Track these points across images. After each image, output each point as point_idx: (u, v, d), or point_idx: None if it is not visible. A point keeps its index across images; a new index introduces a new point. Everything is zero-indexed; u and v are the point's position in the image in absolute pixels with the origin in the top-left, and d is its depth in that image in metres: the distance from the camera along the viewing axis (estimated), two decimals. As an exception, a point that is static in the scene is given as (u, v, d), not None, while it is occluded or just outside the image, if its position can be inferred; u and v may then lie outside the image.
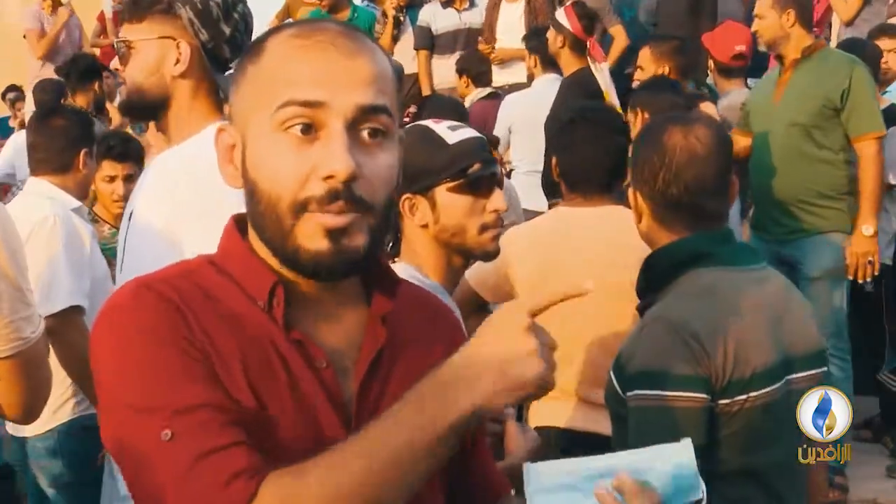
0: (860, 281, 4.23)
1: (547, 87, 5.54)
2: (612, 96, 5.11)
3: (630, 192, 2.13)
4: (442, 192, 1.95)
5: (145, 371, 1.08)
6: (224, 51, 2.25)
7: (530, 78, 5.94)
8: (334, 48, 1.12)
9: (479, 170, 1.95)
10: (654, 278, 2.09)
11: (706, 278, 2.01)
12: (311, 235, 1.10)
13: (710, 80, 5.66)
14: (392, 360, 1.21)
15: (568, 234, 2.85)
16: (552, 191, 4.07)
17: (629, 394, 1.96)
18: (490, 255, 2.02)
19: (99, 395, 1.13)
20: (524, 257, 2.81)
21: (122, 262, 2.24)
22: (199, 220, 2.08)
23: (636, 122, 4.01)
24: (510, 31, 6.54)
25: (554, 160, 3.04)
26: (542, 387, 1.04)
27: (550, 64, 5.64)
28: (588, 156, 2.87)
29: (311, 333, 1.17)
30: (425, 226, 1.97)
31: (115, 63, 2.31)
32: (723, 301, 1.98)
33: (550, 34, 5.44)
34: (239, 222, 1.23)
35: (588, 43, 5.34)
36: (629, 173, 2.15)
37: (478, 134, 2.02)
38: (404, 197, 1.95)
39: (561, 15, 5.49)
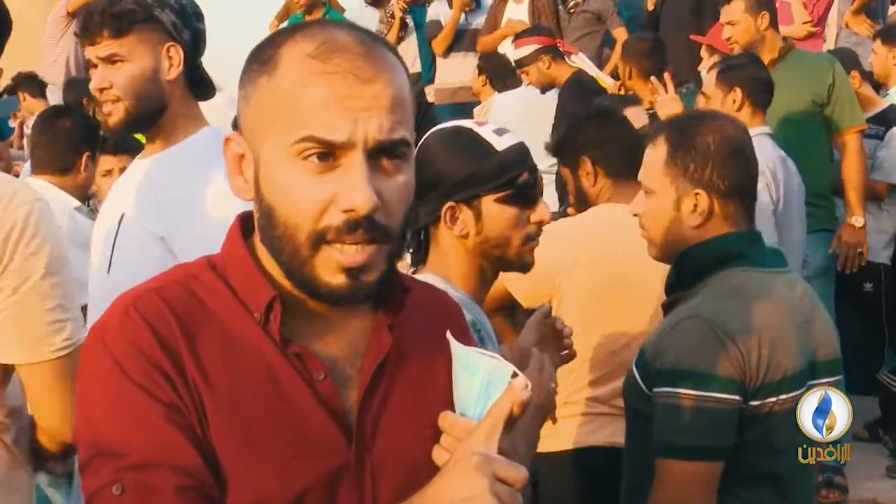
0: (847, 271, 4.27)
1: (507, 103, 5.56)
2: (604, 79, 5.15)
3: (700, 193, 2.05)
4: (489, 203, 1.84)
5: (113, 413, 1.07)
6: (201, 47, 2.30)
7: (478, 96, 5.99)
8: (354, 77, 1.08)
9: (527, 179, 1.85)
10: (686, 275, 2.07)
11: (739, 278, 2.00)
12: (329, 270, 1.09)
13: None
14: (396, 368, 1.20)
15: (619, 234, 2.65)
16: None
17: (656, 390, 1.94)
18: (527, 267, 1.91)
19: (76, 412, 1.11)
20: (572, 261, 2.67)
21: (110, 261, 2.23)
22: (192, 223, 2.11)
23: (725, 102, 3.73)
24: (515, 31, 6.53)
25: (588, 159, 2.87)
26: None
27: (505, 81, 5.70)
28: (628, 144, 2.78)
29: (312, 343, 1.16)
30: (464, 236, 1.85)
31: (100, 82, 2.27)
32: (756, 302, 1.97)
33: (532, 71, 5.43)
34: (244, 222, 1.20)
35: (558, 43, 5.38)
36: (686, 174, 2.06)
37: (521, 139, 1.91)
38: (447, 205, 1.84)
39: (520, 50, 5.48)
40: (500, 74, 6.21)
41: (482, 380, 1.12)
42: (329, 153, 1.07)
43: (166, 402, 1.07)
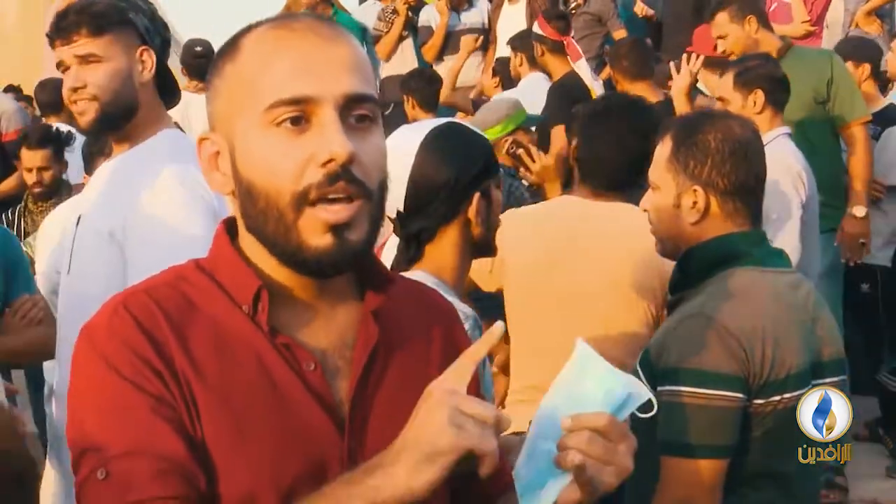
0: (851, 264, 4.26)
1: (533, 85, 5.56)
2: (595, 91, 5.16)
3: (697, 190, 2.05)
4: (494, 190, 1.92)
5: (101, 408, 1.08)
6: (167, 54, 2.34)
7: (516, 77, 5.95)
8: (314, 34, 1.11)
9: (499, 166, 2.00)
10: (691, 274, 2.08)
11: (743, 277, 2.01)
12: (314, 231, 1.09)
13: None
14: (388, 357, 1.20)
15: (567, 223, 2.72)
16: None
17: (661, 389, 1.94)
18: (496, 250, 2.00)
19: (68, 415, 1.13)
20: (521, 244, 2.70)
21: (70, 265, 2.26)
22: (138, 218, 2.13)
23: (746, 104, 3.69)
24: (511, 32, 6.52)
25: (573, 143, 2.91)
26: (465, 451, 1.00)
27: (536, 62, 5.68)
28: (605, 152, 2.72)
29: (301, 335, 1.17)
30: (481, 225, 1.89)
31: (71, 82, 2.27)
32: (761, 301, 1.98)
33: (536, 48, 5.55)
34: (229, 226, 1.22)
35: (564, 42, 5.41)
36: (687, 171, 2.07)
37: None
38: (476, 197, 1.87)
39: (536, 27, 5.63)
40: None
41: (614, 399, 1.09)
42: (301, 116, 1.09)
43: (154, 394, 1.08)
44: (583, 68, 5.28)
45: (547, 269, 2.66)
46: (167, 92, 2.36)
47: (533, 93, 5.35)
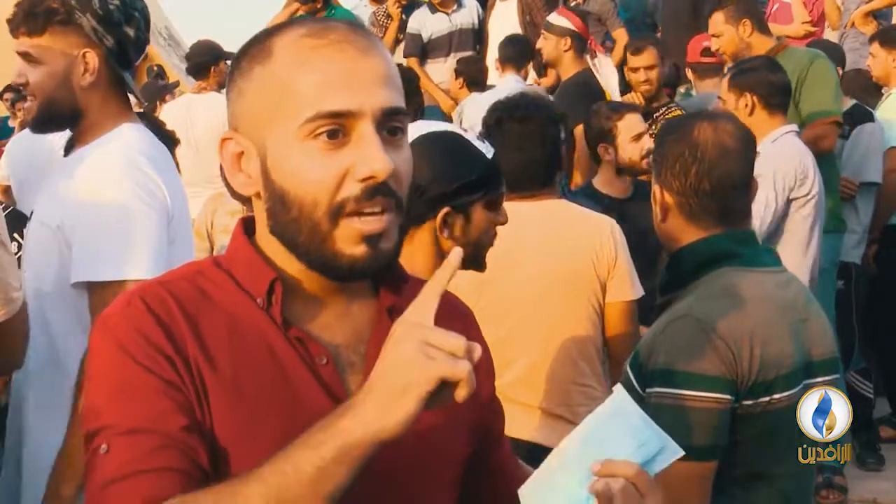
0: None
1: (510, 86, 5.53)
2: (609, 92, 5.16)
3: (656, 189, 2.11)
4: (478, 208, 1.93)
5: (112, 390, 1.10)
6: (129, 53, 2.22)
7: (455, 98, 5.99)
8: (351, 46, 1.11)
9: (502, 186, 1.97)
10: (678, 276, 2.09)
11: (731, 278, 2.01)
12: (350, 240, 1.11)
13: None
14: None
15: (514, 228, 2.65)
16: None
17: (649, 390, 1.94)
18: (485, 267, 2.01)
19: (84, 399, 1.15)
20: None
21: (24, 257, 2.24)
22: (86, 211, 2.09)
23: (738, 106, 3.70)
24: (503, 31, 6.51)
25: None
26: (437, 380, 0.98)
27: (510, 63, 5.70)
28: (521, 157, 2.73)
29: (316, 329, 1.18)
30: (453, 240, 1.91)
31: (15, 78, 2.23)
32: (749, 302, 1.97)
33: (550, 41, 5.38)
34: (246, 225, 1.24)
35: (590, 39, 5.40)
36: (655, 169, 2.13)
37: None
38: (444, 212, 1.90)
39: (558, 18, 5.44)
40: (478, 78, 6.22)
41: (647, 452, 1.13)
42: (338, 129, 1.10)
43: (165, 378, 1.10)
44: (605, 63, 5.26)
45: (494, 274, 2.60)
46: (127, 93, 2.27)
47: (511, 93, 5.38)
